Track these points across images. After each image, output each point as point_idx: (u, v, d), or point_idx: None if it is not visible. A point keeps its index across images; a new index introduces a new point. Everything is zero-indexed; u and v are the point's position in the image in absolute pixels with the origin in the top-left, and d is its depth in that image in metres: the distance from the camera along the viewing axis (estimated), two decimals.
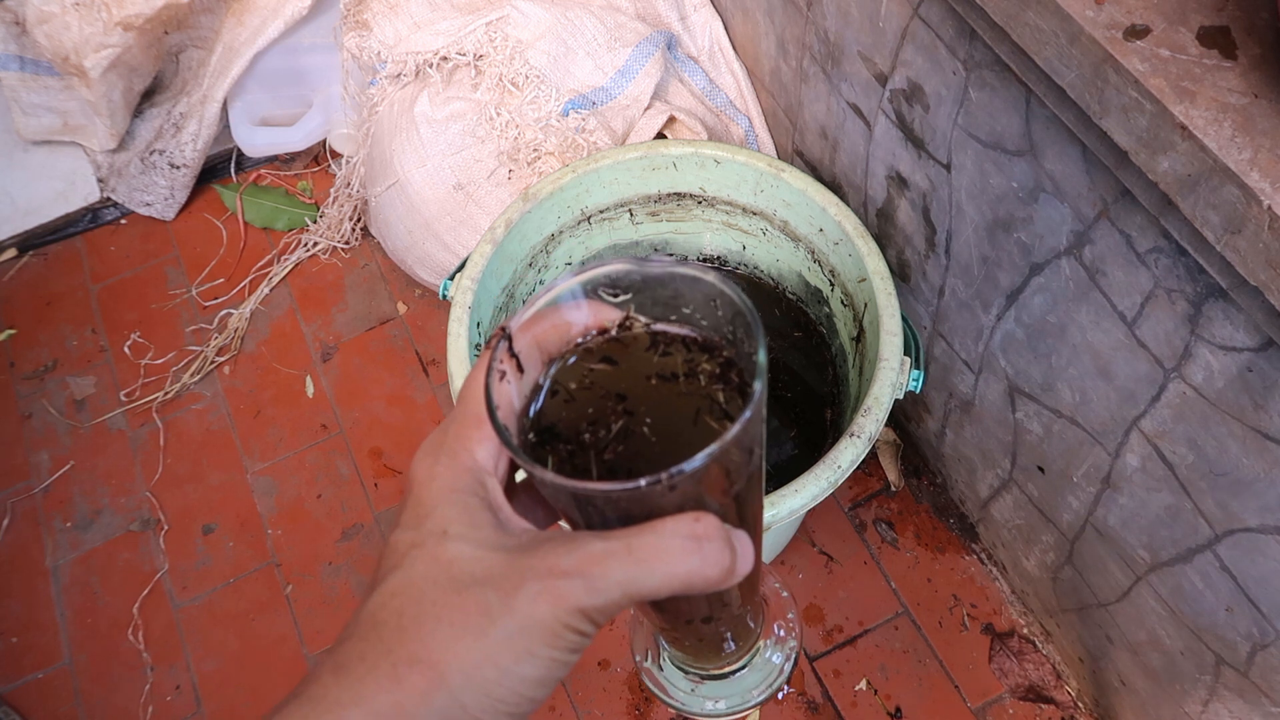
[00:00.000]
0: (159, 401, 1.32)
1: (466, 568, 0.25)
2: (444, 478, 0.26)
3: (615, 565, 0.24)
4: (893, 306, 0.85)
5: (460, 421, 0.27)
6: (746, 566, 0.26)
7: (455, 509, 0.26)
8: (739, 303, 0.26)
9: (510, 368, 0.26)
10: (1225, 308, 0.58)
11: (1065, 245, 0.71)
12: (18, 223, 1.48)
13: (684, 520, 0.24)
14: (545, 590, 0.24)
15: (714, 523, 0.25)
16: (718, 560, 0.25)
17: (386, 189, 1.22)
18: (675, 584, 0.24)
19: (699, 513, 0.25)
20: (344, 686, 0.24)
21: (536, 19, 1.14)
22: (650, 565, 0.24)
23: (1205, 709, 0.82)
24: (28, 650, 1.16)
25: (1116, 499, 0.80)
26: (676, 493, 0.24)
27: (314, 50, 1.37)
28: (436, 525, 0.26)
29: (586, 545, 0.24)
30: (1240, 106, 0.49)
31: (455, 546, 0.25)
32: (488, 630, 0.24)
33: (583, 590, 0.24)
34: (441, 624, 0.24)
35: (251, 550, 1.21)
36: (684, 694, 0.39)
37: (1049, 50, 0.57)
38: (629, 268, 0.28)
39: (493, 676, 0.24)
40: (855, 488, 1.20)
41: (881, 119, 0.90)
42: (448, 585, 0.25)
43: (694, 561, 0.24)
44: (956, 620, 1.11)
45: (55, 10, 1.31)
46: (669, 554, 0.24)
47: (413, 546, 0.26)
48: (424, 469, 0.27)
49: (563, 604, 0.24)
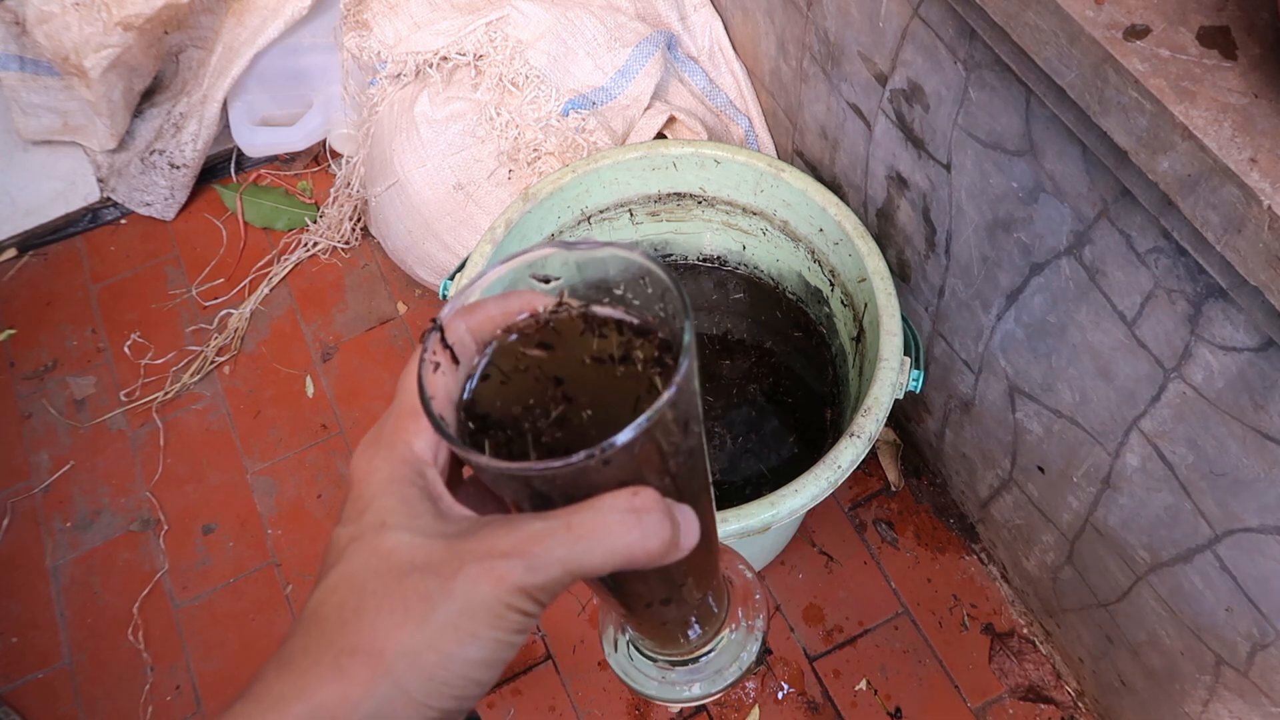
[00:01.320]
0: (159, 401, 1.32)
1: (405, 555, 0.25)
2: (382, 471, 0.26)
3: (554, 543, 0.24)
4: (893, 306, 0.85)
5: (397, 415, 0.27)
6: (691, 540, 0.26)
7: (393, 500, 0.26)
8: (665, 279, 0.26)
9: (445, 359, 0.26)
10: (1225, 308, 0.58)
11: (1065, 245, 0.71)
12: (18, 223, 1.48)
13: (621, 495, 0.24)
14: (485, 572, 0.24)
15: (652, 495, 0.25)
16: (658, 532, 0.25)
17: (386, 189, 1.22)
18: (617, 558, 0.24)
19: (638, 487, 0.25)
20: (287, 681, 0.24)
21: (536, 19, 1.14)
22: (590, 541, 0.24)
23: (1205, 709, 0.82)
24: (28, 650, 1.16)
25: (1116, 499, 0.80)
26: (613, 468, 0.24)
27: (314, 50, 1.37)
28: (375, 517, 0.26)
29: (525, 525, 0.24)
30: (1240, 106, 0.49)
31: (394, 536, 0.25)
32: (429, 615, 0.24)
33: (522, 570, 0.24)
34: (382, 612, 0.24)
35: (251, 550, 1.21)
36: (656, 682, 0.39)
37: (1049, 50, 0.57)
38: (556, 251, 0.28)
39: (436, 661, 0.24)
40: (855, 488, 1.20)
41: (881, 119, 0.90)
42: (387, 574, 0.25)
43: (634, 535, 0.24)
44: (956, 620, 1.11)
45: (55, 10, 1.31)
46: (608, 528, 0.24)
47: (352, 540, 0.26)
48: (363, 463, 0.27)
49: (503, 584, 0.24)
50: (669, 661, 0.39)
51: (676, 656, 0.39)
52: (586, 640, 1.11)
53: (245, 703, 0.25)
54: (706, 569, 0.34)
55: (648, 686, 0.39)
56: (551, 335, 0.28)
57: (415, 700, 0.24)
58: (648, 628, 0.37)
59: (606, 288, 0.28)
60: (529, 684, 1.09)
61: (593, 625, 1.12)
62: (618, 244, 0.27)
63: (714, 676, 0.39)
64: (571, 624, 1.12)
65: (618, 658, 0.40)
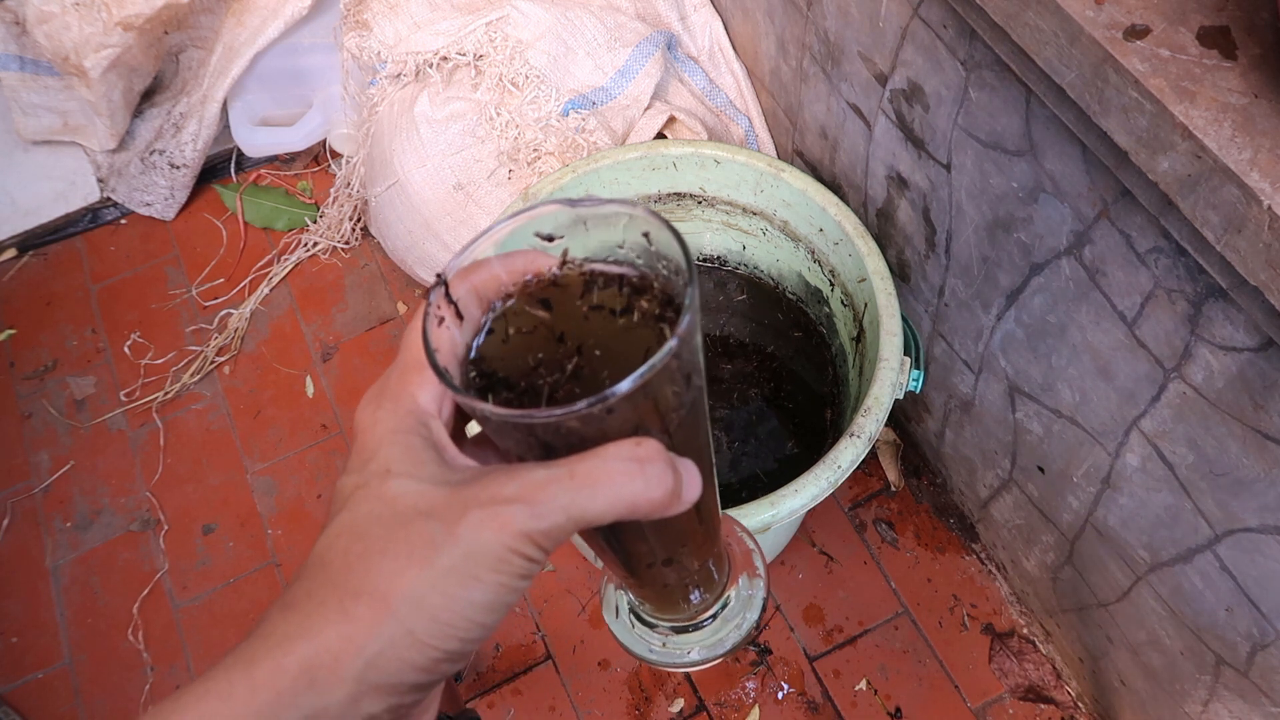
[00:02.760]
0: (159, 401, 1.32)
1: (410, 502, 0.25)
2: (386, 422, 0.27)
3: (558, 490, 0.24)
4: (893, 306, 0.85)
5: (401, 368, 0.28)
6: (693, 492, 0.27)
7: (398, 449, 0.26)
8: (668, 234, 0.26)
9: (449, 314, 0.27)
10: (1225, 308, 0.58)
11: (1065, 245, 0.71)
12: (18, 223, 1.48)
13: (625, 444, 0.25)
14: (489, 517, 0.24)
15: (656, 445, 0.25)
16: (660, 482, 0.25)
17: (386, 189, 1.22)
18: (620, 507, 0.24)
19: (641, 437, 0.25)
20: (292, 622, 0.25)
21: (536, 19, 1.14)
22: (593, 488, 0.24)
23: (1205, 709, 0.82)
24: (28, 650, 1.16)
25: (1116, 499, 0.80)
26: (616, 418, 0.24)
27: (314, 50, 1.37)
28: (379, 465, 0.26)
29: (529, 473, 0.25)
30: (1240, 106, 0.49)
31: (398, 483, 0.25)
32: (433, 560, 0.24)
33: (526, 515, 0.24)
34: (387, 557, 0.24)
35: (251, 550, 1.21)
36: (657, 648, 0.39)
37: (1049, 50, 0.57)
38: (560, 209, 0.28)
39: (440, 603, 0.24)
40: (855, 488, 1.20)
41: (881, 119, 0.90)
42: (391, 520, 0.25)
43: (637, 484, 0.24)
44: (956, 620, 1.11)
45: (55, 10, 1.31)
46: (611, 476, 0.24)
47: (356, 488, 0.26)
48: (367, 415, 0.27)
49: (506, 530, 0.24)
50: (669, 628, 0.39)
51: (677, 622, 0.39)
52: (586, 640, 1.11)
53: (251, 642, 0.25)
54: (708, 530, 0.34)
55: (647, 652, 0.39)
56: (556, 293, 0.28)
57: (420, 641, 0.24)
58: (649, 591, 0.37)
59: (611, 245, 0.28)
60: (529, 684, 1.09)
61: (593, 626, 1.12)
62: (621, 200, 0.27)
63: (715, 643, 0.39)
64: (571, 624, 1.12)
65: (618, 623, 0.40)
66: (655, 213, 0.27)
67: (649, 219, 0.27)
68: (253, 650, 0.24)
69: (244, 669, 0.24)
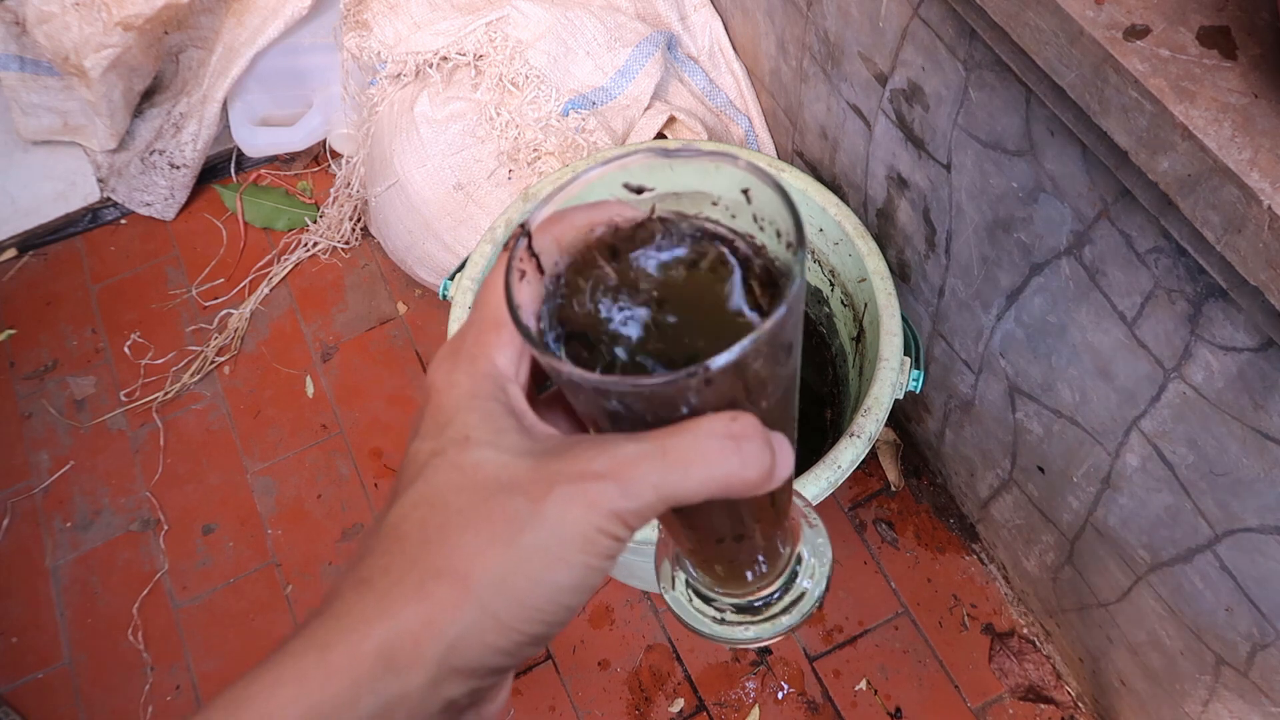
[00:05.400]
0: (159, 401, 1.32)
1: (491, 473, 0.24)
2: (463, 384, 0.25)
3: (650, 467, 0.23)
4: (893, 306, 0.85)
5: (478, 327, 0.26)
6: (786, 470, 0.25)
7: (476, 415, 0.25)
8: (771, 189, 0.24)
9: (530, 267, 0.25)
10: (1225, 308, 0.58)
11: (1065, 245, 0.71)
12: (18, 223, 1.48)
13: (720, 419, 0.23)
14: (576, 494, 0.23)
15: (752, 421, 0.23)
16: (757, 461, 0.23)
17: (386, 189, 1.22)
18: (713, 486, 0.23)
19: (737, 412, 0.23)
20: (368, 602, 0.23)
21: (536, 19, 1.14)
22: (686, 467, 0.23)
23: (1205, 709, 0.82)
24: (28, 650, 1.16)
25: (1116, 499, 0.80)
26: (712, 389, 0.22)
27: (314, 50, 1.37)
28: (457, 432, 0.25)
29: (618, 447, 0.23)
30: (1240, 106, 0.49)
31: (478, 452, 0.24)
32: (516, 538, 0.23)
33: (616, 493, 0.23)
34: (467, 533, 0.23)
35: (251, 550, 1.21)
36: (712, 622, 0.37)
37: (1049, 50, 0.57)
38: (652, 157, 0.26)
39: (524, 586, 0.23)
40: (855, 488, 1.20)
41: (881, 119, 0.90)
42: (472, 492, 0.24)
43: (733, 462, 0.23)
44: (956, 620, 1.11)
45: (55, 10, 1.31)
46: (706, 454, 0.23)
47: (433, 455, 0.25)
48: (442, 376, 0.26)
49: (596, 508, 0.23)
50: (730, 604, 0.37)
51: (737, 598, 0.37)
52: (586, 640, 1.11)
53: (324, 620, 0.24)
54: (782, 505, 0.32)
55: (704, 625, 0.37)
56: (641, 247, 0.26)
57: (503, 624, 0.23)
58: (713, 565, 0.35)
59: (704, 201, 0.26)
60: (529, 684, 1.09)
61: (592, 626, 1.12)
62: (721, 151, 0.25)
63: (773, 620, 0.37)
64: (572, 624, 1.12)
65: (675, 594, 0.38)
66: (759, 167, 0.25)
67: (750, 174, 0.25)
68: (327, 632, 0.23)
69: (318, 653, 0.23)
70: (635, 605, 1.12)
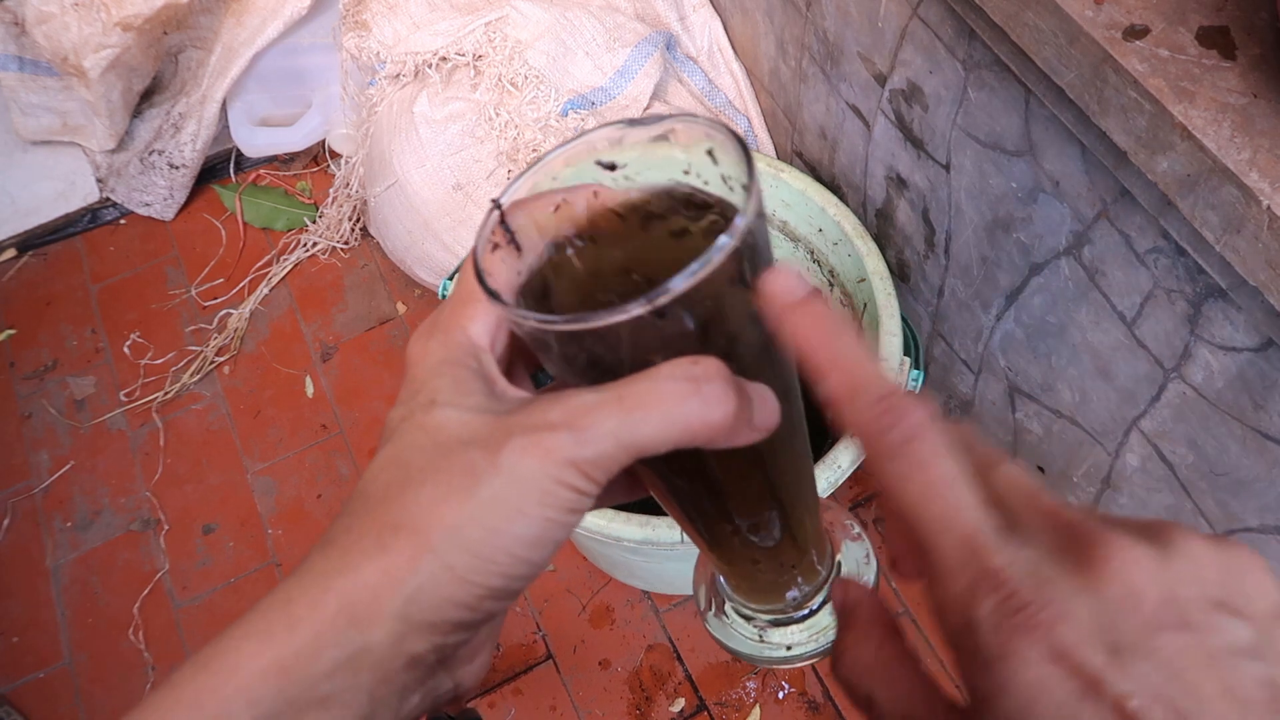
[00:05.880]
0: (159, 401, 1.32)
1: (453, 431, 0.24)
2: (436, 353, 0.26)
3: (606, 414, 0.23)
4: (892, 306, 0.85)
5: (454, 301, 0.27)
6: (767, 418, 0.25)
7: (445, 380, 0.25)
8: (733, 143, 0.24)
9: (503, 240, 0.25)
10: (1225, 308, 0.58)
11: (1065, 245, 0.71)
12: (17, 223, 1.48)
13: (681, 362, 0.23)
14: (532, 444, 0.23)
15: (714, 363, 0.23)
16: (720, 402, 0.23)
17: (386, 189, 1.22)
18: (674, 430, 0.23)
19: (699, 356, 0.23)
20: (330, 558, 0.24)
21: (536, 19, 1.14)
22: (644, 410, 0.23)
23: None
24: (28, 650, 1.16)
25: (1117, 499, 0.80)
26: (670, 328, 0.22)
27: (313, 50, 1.37)
28: (425, 397, 0.25)
29: (576, 397, 0.23)
30: (1239, 106, 0.49)
31: (442, 413, 0.24)
32: (473, 490, 0.23)
33: (571, 442, 0.23)
34: (425, 487, 0.23)
35: (251, 550, 1.21)
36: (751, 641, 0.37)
37: (1048, 50, 0.57)
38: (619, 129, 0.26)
39: (481, 537, 0.23)
40: (855, 488, 1.20)
41: (881, 119, 0.90)
42: (433, 450, 0.24)
43: (692, 404, 0.23)
44: None
45: (54, 10, 1.31)
46: (664, 397, 0.23)
47: (402, 420, 0.25)
48: (418, 348, 0.27)
49: (550, 457, 0.23)
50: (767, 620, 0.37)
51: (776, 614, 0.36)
52: (587, 640, 1.11)
53: (288, 580, 0.24)
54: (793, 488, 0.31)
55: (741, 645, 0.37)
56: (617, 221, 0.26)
57: (460, 577, 0.23)
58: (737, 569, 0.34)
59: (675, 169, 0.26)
60: (529, 684, 1.09)
61: (593, 626, 1.12)
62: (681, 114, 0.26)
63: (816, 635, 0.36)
64: (572, 624, 1.12)
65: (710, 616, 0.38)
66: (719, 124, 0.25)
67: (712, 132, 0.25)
68: (289, 589, 0.24)
69: (282, 608, 0.23)
70: (636, 605, 1.12)
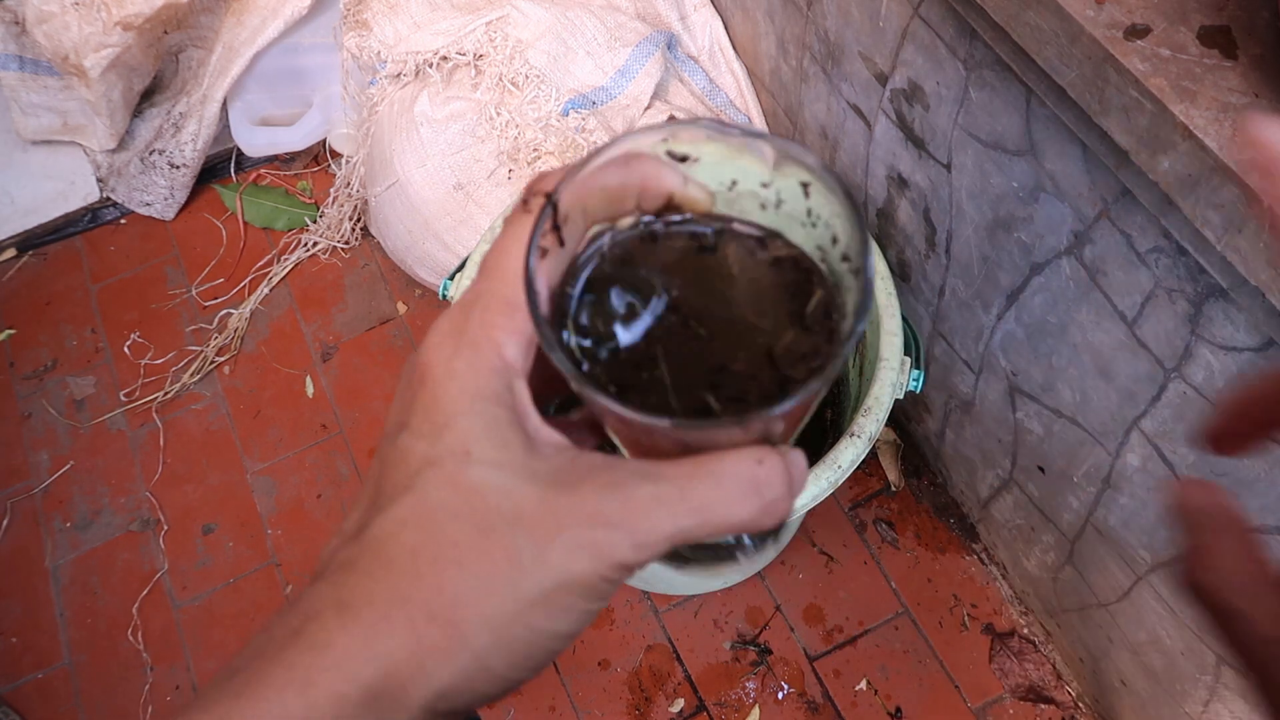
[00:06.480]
0: (159, 401, 1.32)
1: (493, 502, 0.21)
2: (465, 377, 0.22)
3: (665, 515, 0.21)
4: (893, 306, 0.85)
5: (486, 306, 0.23)
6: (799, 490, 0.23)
7: (480, 422, 0.22)
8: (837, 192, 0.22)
9: (552, 242, 0.22)
10: (1226, 307, 0.58)
11: (1066, 245, 0.71)
12: (17, 223, 1.47)
13: (746, 462, 0.21)
14: (585, 544, 0.21)
15: (778, 466, 0.22)
16: (776, 510, 0.22)
17: (386, 189, 1.22)
18: (726, 530, 0.22)
19: (763, 451, 0.22)
20: (353, 634, 0.21)
21: (536, 19, 1.14)
22: (704, 515, 0.21)
23: (1206, 709, 0.82)
24: (28, 650, 1.15)
25: (1117, 499, 0.80)
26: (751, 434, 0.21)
27: (314, 50, 1.37)
28: (457, 442, 0.22)
29: (633, 489, 0.21)
30: (1240, 106, 0.49)
31: (480, 473, 0.22)
32: (519, 584, 0.21)
33: (628, 546, 0.21)
34: (465, 572, 0.21)
35: (251, 550, 1.21)
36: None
37: (1049, 50, 0.57)
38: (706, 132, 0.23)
39: (522, 635, 0.21)
40: (855, 488, 1.20)
41: (882, 119, 0.90)
42: (471, 523, 0.21)
43: (752, 509, 0.21)
44: (957, 620, 1.11)
45: (55, 10, 1.31)
46: (728, 502, 0.21)
47: (427, 464, 0.22)
48: (440, 361, 0.23)
49: (604, 560, 0.21)
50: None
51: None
52: (587, 640, 1.11)
53: (302, 650, 0.21)
54: None
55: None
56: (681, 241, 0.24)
57: (497, 675, 0.22)
58: None
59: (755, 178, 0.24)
60: (529, 684, 1.09)
61: (593, 626, 1.12)
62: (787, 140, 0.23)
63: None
64: None
65: None
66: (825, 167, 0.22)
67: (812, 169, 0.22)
68: (307, 665, 0.21)
69: (299, 689, 0.21)
70: (635, 605, 1.12)
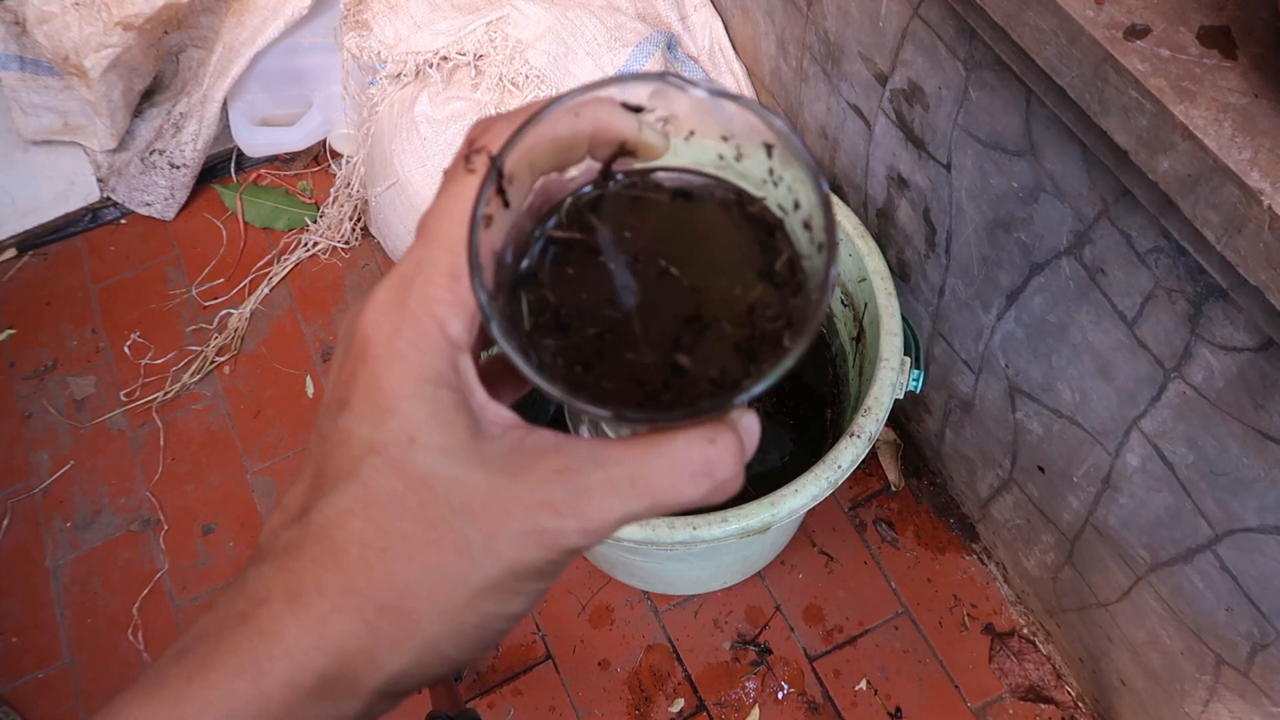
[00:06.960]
0: (159, 401, 1.32)
1: (441, 491, 0.21)
2: (409, 358, 0.22)
3: (616, 502, 0.21)
4: (893, 306, 0.85)
5: (428, 278, 0.22)
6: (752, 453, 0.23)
7: (425, 407, 0.21)
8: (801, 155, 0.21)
9: (497, 207, 0.21)
10: (1225, 307, 0.58)
11: (1065, 245, 0.71)
12: (18, 223, 1.47)
13: (698, 443, 0.21)
14: (534, 533, 0.21)
15: (731, 444, 0.22)
16: (727, 489, 0.22)
17: (386, 189, 1.22)
18: (676, 511, 0.22)
19: (716, 429, 0.21)
20: (304, 624, 0.21)
21: (536, 19, 1.14)
22: (654, 498, 0.21)
23: (1205, 709, 0.82)
24: (28, 650, 1.15)
25: (1117, 499, 0.80)
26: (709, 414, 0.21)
27: (314, 50, 1.37)
28: (401, 429, 0.21)
29: (583, 476, 0.21)
30: (1240, 106, 0.49)
31: (426, 461, 0.21)
32: (469, 575, 0.21)
33: (577, 533, 0.21)
34: (415, 565, 0.21)
35: (251, 550, 1.21)
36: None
37: (1049, 50, 0.57)
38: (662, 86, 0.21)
39: (473, 621, 0.22)
40: (855, 488, 1.20)
41: (881, 119, 0.90)
42: (419, 514, 0.21)
43: (703, 490, 0.22)
44: (956, 620, 1.11)
45: (55, 10, 1.31)
46: (678, 486, 0.21)
47: (371, 450, 0.22)
48: (382, 339, 0.22)
49: (554, 547, 0.21)
50: None
51: None
52: (586, 640, 1.11)
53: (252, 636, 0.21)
54: None
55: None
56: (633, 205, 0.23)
57: (450, 659, 0.22)
58: None
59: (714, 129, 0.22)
60: (529, 684, 1.09)
61: (593, 626, 1.12)
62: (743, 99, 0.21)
63: None
64: (571, 624, 1.12)
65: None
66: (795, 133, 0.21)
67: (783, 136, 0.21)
68: (256, 654, 0.21)
69: (251, 677, 0.21)
70: (635, 605, 1.12)
